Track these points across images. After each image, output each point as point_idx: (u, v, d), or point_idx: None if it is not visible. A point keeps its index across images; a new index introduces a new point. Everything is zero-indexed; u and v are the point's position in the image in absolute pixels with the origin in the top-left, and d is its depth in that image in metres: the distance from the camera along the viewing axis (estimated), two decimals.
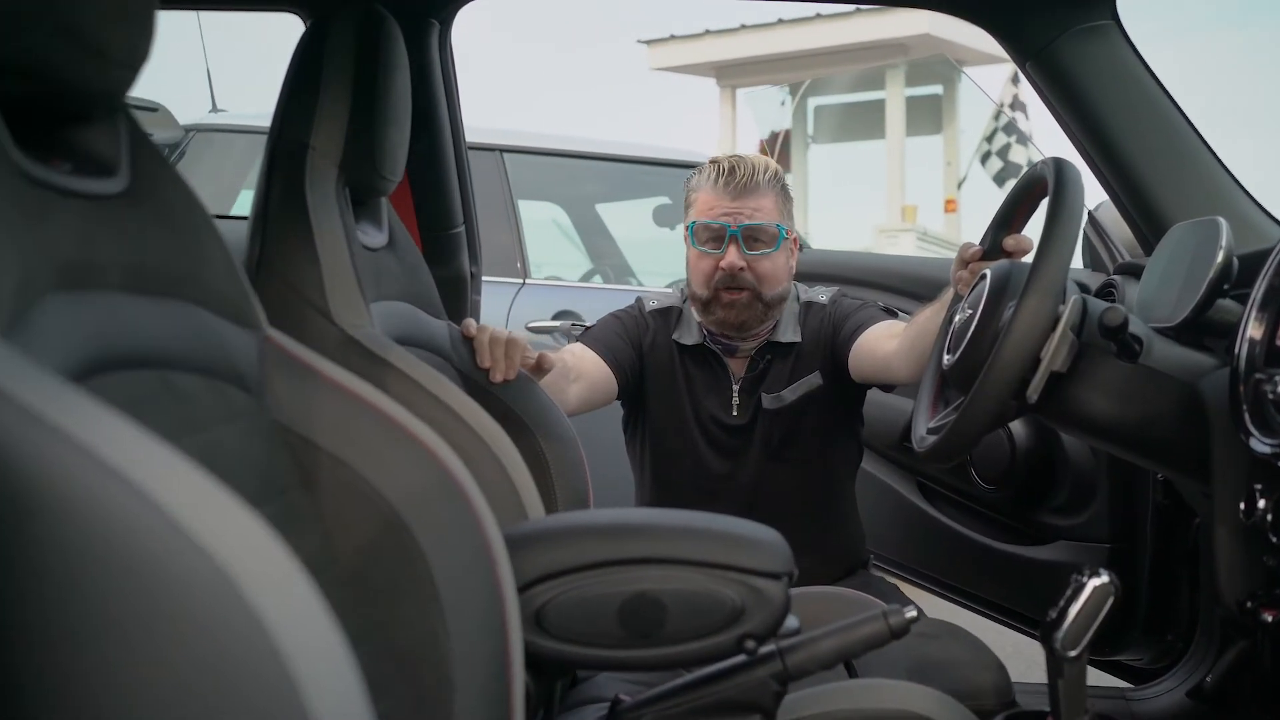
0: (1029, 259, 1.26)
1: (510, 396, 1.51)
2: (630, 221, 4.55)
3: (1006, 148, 8.68)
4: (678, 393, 1.94)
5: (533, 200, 4.49)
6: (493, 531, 0.92)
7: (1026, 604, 2.03)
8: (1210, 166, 1.56)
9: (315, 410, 0.89)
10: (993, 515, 2.09)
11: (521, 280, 3.45)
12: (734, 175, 1.85)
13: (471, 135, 3.65)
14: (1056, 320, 1.20)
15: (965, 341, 1.31)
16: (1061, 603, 1.05)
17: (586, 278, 4.38)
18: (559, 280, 4.28)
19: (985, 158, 8.96)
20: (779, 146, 9.38)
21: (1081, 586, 1.04)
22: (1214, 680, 1.62)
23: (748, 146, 11.11)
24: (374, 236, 1.38)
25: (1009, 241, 1.46)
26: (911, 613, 1.06)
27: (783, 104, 10.27)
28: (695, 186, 1.91)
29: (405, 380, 1.13)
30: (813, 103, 10.53)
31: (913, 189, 9.84)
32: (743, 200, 1.84)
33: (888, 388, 1.96)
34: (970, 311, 1.33)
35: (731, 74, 10.93)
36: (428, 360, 1.45)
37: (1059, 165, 1.27)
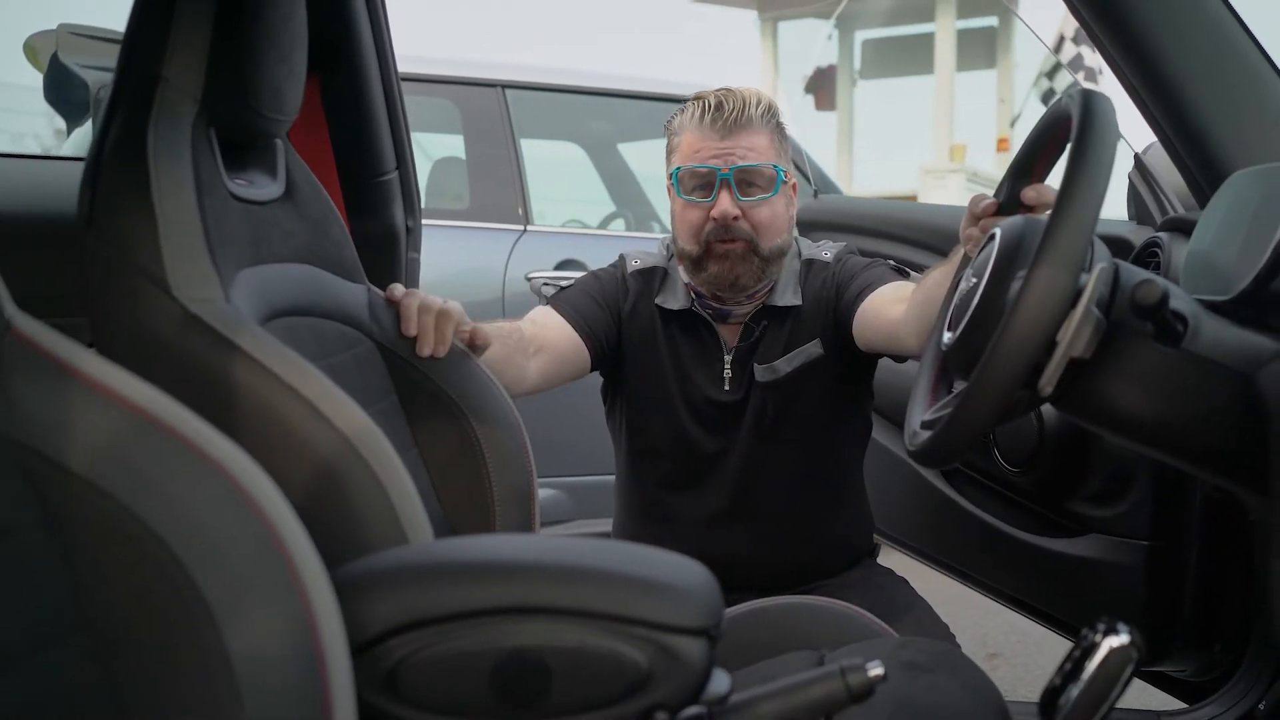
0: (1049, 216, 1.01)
1: (439, 374, 1.30)
2: (655, 161, 4.32)
3: (1071, 86, 8.20)
4: (661, 366, 1.71)
5: (549, 140, 4.26)
6: (313, 581, 0.70)
7: (1052, 602, 1.79)
8: None
9: (71, 424, 0.68)
10: (1018, 500, 1.84)
11: (522, 227, 3.22)
12: (722, 111, 1.61)
13: (473, 70, 3.43)
14: (1077, 295, 0.95)
15: (967, 318, 1.07)
16: (1067, 665, 0.81)
17: (606, 223, 4.16)
18: (582, 225, 4.05)
19: (1046, 96, 8.50)
20: (823, 83, 8.99)
21: (1093, 647, 0.80)
22: (1268, 708, 1.39)
23: (790, 83, 10.71)
24: (263, 187, 1.16)
25: (1028, 193, 1.20)
26: (876, 670, 0.83)
27: (829, 38, 9.86)
28: (678, 128, 1.67)
29: (255, 369, 0.92)
30: (859, 36, 10.08)
31: (962, 128, 9.40)
32: (734, 139, 1.60)
33: (900, 359, 1.72)
34: (975, 280, 1.08)
35: (774, 5, 10.48)
36: (335, 333, 1.24)
37: (1087, 98, 1.01)
